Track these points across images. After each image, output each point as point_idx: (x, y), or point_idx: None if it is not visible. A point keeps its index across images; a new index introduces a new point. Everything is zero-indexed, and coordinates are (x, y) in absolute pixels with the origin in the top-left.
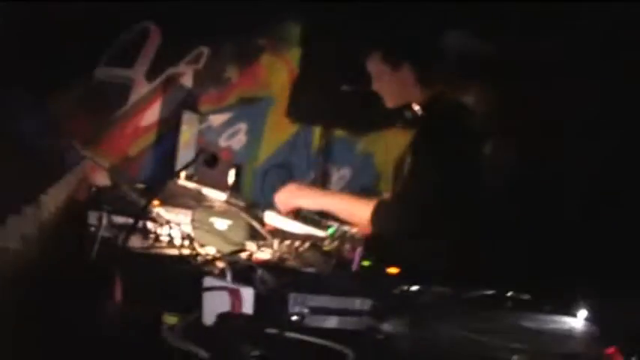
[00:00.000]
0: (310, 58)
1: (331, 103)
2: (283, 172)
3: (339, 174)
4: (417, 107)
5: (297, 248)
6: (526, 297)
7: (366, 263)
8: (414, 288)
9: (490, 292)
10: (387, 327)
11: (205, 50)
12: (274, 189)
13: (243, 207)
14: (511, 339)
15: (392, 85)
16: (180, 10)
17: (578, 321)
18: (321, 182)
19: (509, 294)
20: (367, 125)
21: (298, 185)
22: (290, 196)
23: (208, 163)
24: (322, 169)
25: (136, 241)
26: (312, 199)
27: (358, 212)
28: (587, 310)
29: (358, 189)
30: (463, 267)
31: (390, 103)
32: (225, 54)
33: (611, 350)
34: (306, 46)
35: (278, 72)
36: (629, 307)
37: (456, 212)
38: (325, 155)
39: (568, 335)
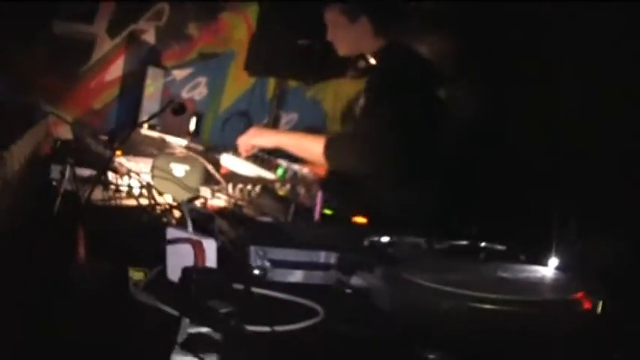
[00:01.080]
0: (268, 14)
1: (286, 57)
2: (242, 119)
3: (288, 117)
4: (369, 57)
5: (249, 192)
6: (500, 247)
7: (328, 212)
8: (384, 239)
9: (464, 242)
10: (356, 281)
11: (166, 7)
12: (234, 134)
13: (201, 151)
14: (487, 290)
15: (347, 35)
16: None
17: (550, 269)
18: (272, 125)
19: (483, 244)
20: (318, 75)
21: (258, 128)
22: (249, 137)
23: (176, 111)
24: (274, 114)
25: (97, 194)
26: (268, 138)
27: (311, 147)
28: (560, 258)
29: (304, 127)
30: (428, 213)
31: (342, 51)
32: (186, 11)
33: (579, 295)
34: (264, 3)
35: (238, 28)
36: (601, 253)
37: (409, 150)
38: (278, 102)
39: (541, 283)
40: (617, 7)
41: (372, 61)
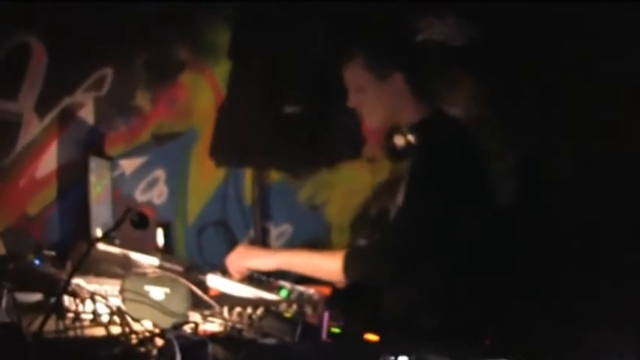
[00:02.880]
0: (241, 73)
1: (268, 136)
2: (220, 228)
3: (279, 230)
4: (407, 132)
5: (250, 315)
6: None
7: (336, 330)
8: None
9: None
10: None
11: (109, 72)
12: (214, 248)
13: (180, 272)
14: None
15: (378, 98)
16: (70, 18)
17: None
18: (262, 240)
19: None
20: (315, 163)
21: (247, 247)
22: (241, 258)
23: (137, 224)
24: (259, 226)
25: (48, 324)
26: (267, 260)
27: (325, 265)
28: None
29: (301, 241)
30: (457, 325)
31: (374, 122)
32: (133, 74)
33: None
34: (236, 56)
35: (201, 94)
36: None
37: (452, 261)
38: (262, 210)
39: None
40: None
41: (411, 136)
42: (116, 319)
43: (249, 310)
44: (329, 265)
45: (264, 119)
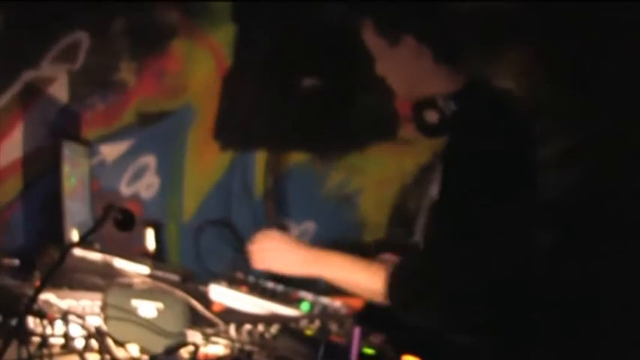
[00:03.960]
0: (249, 39)
1: (284, 113)
2: (224, 229)
3: (300, 228)
4: (442, 102)
5: (262, 334)
6: None
7: (369, 351)
8: None
9: None
10: None
11: (84, 38)
12: (216, 252)
13: (176, 282)
14: None
15: (395, 66)
16: None
17: None
18: None
19: None
20: (343, 143)
21: (275, 237)
22: (271, 251)
23: (121, 224)
24: (274, 223)
25: (8, 352)
26: (302, 262)
27: (363, 282)
28: None
29: (327, 241)
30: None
31: (401, 92)
32: (115, 42)
33: None
34: (242, 21)
35: (199, 66)
36: None
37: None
38: (277, 204)
39: None
40: None
41: (448, 105)
42: (94, 343)
43: (260, 327)
44: (368, 283)
45: (277, 94)
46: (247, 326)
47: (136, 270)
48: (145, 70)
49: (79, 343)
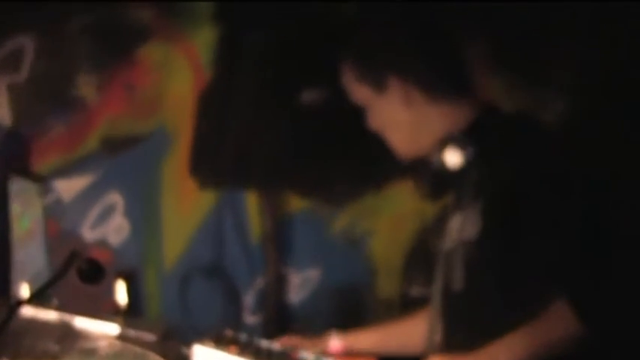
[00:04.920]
0: (237, 44)
1: (280, 137)
2: (214, 277)
3: (303, 275)
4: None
5: None
6: None
7: None
8: None
9: None
10: None
11: (28, 44)
12: (204, 307)
13: (152, 342)
14: None
15: (388, 119)
16: None
17: None
18: (275, 290)
19: None
20: (355, 177)
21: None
22: None
23: (86, 275)
24: (272, 271)
25: None
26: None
27: (410, 338)
28: None
29: (333, 290)
30: None
31: (401, 152)
32: (70, 48)
33: None
34: (228, 21)
35: (174, 77)
36: None
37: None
38: (278, 249)
39: None
40: None
41: (463, 137)
42: None
43: None
44: (412, 336)
45: (272, 113)
46: None
47: (103, 330)
48: (109, 84)
49: None
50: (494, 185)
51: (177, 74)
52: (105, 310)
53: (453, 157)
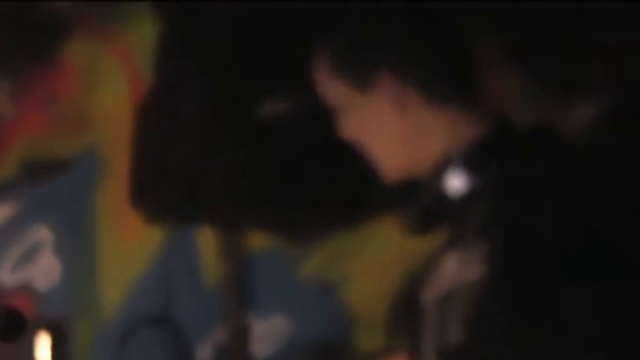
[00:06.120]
0: (184, 43)
1: (237, 161)
2: (163, 329)
3: (266, 324)
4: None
5: None
6: None
7: None
8: None
9: None
10: None
11: None
12: None
13: None
14: None
15: (371, 125)
16: None
17: None
18: (236, 342)
19: None
20: (328, 209)
21: None
22: None
23: (5, 330)
24: (233, 319)
25: None
26: None
27: None
28: None
29: (305, 344)
30: None
31: (389, 174)
32: None
33: None
34: (172, 16)
35: (105, 86)
36: None
37: None
38: (236, 290)
39: None
40: None
41: (454, 181)
42: None
43: None
44: None
45: (229, 132)
46: None
47: None
48: (27, 96)
49: None
50: (507, 219)
51: (108, 82)
52: None
53: (454, 182)
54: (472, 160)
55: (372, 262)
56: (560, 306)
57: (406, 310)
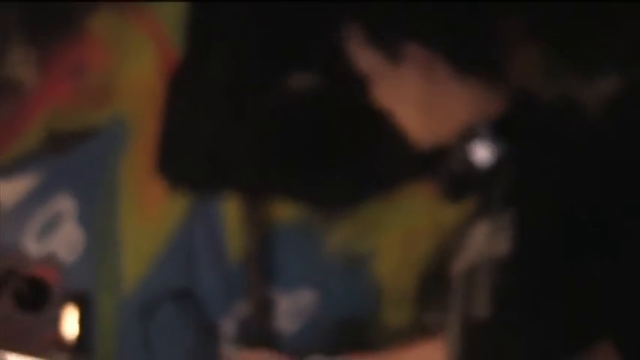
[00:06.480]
0: (212, 18)
1: (264, 132)
2: (185, 305)
3: (294, 298)
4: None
5: None
6: None
7: None
8: None
9: None
10: None
11: None
12: (172, 340)
13: None
14: None
15: (402, 94)
16: None
17: None
18: (260, 317)
19: None
20: (355, 180)
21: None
22: None
23: (27, 300)
24: (256, 294)
25: None
26: None
27: None
28: None
29: (331, 318)
30: None
31: (416, 137)
32: (7, 24)
33: None
34: None
35: (133, 58)
36: None
37: None
38: (263, 269)
39: None
40: None
41: (480, 151)
42: None
43: None
44: None
45: (256, 104)
46: None
47: None
48: (52, 64)
49: None
50: (531, 190)
51: (135, 53)
52: (47, 342)
53: (480, 152)
54: (496, 131)
55: (400, 234)
56: (580, 278)
57: (436, 284)
